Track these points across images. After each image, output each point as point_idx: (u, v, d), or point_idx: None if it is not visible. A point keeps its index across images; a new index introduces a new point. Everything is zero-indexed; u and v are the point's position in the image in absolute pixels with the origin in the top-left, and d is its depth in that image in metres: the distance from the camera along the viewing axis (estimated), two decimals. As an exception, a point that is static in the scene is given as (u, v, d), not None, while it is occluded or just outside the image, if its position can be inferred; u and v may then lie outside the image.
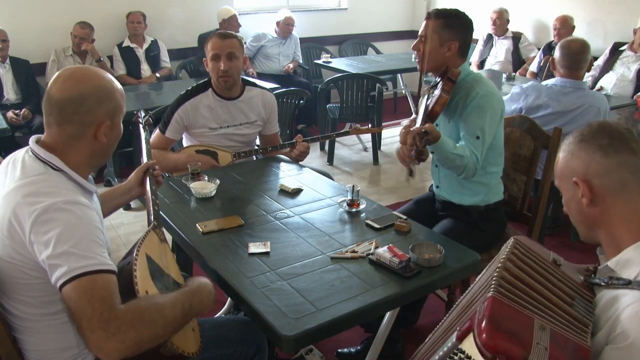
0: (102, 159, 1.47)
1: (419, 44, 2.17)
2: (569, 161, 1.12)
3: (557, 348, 0.92)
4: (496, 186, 2.25)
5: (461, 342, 0.97)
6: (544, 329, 0.94)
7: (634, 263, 1.03)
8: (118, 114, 1.41)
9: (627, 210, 1.07)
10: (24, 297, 1.28)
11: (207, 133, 2.62)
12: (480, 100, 2.05)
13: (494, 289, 0.99)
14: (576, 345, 0.94)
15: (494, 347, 0.89)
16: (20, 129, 4.27)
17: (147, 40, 5.12)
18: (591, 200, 1.08)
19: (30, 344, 1.32)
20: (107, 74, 1.42)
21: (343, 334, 1.88)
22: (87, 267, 1.16)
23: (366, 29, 6.68)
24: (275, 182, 2.36)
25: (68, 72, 1.36)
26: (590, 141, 1.09)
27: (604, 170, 1.07)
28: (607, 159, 1.07)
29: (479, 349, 0.91)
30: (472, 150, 2.03)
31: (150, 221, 1.57)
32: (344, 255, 1.72)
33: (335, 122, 4.77)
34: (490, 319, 0.92)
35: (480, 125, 2.04)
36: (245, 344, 1.66)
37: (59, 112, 1.32)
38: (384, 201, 3.86)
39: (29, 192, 1.22)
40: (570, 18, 4.82)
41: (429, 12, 2.16)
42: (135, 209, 3.85)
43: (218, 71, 2.51)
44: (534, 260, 1.09)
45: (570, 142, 1.14)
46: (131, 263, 1.28)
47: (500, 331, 0.91)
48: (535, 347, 0.90)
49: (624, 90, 4.33)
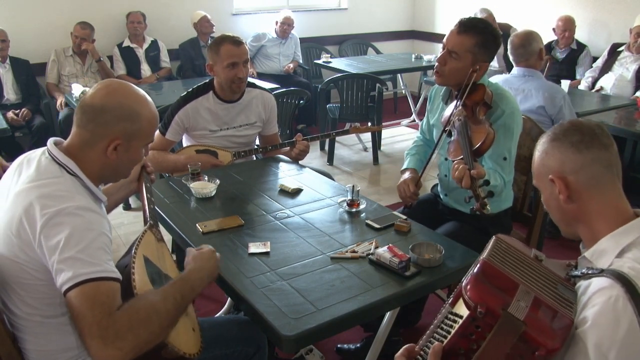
0: (112, 177, 1.47)
1: (446, 58, 1.99)
2: (544, 160, 1.15)
3: (537, 309, 0.98)
4: (507, 193, 2.23)
5: (453, 307, 1.04)
6: (528, 293, 1.00)
7: (607, 253, 1.07)
8: (137, 138, 1.39)
9: (602, 203, 1.10)
10: (27, 297, 1.28)
11: (207, 135, 2.63)
12: (507, 120, 1.97)
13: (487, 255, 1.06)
14: (559, 314, 0.99)
15: (476, 297, 0.97)
16: (20, 129, 4.27)
17: (147, 40, 5.12)
18: (568, 197, 1.11)
19: (30, 344, 1.32)
20: (143, 95, 1.41)
21: (343, 334, 1.88)
22: (92, 274, 1.16)
23: (366, 29, 6.68)
24: (275, 182, 2.36)
25: (107, 83, 1.39)
26: (562, 139, 1.12)
27: (578, 166, 1.09)
28: (580, 154, 1.09)
29: (465, 302, 0.99)
30: (500, 174, 1.97)
31: (147, 220, 1.56)
32: (344, 255, 1.72)
33: (335, 122, 4.77)
34: (477, 275, 1.01)
35: (507, 146, 1.99)
36: (245, 343, 1.66)
37: (80, 115, 1.35)
38: (384, 201, 3.86)
39: (43, 194, 1.23)
40: (572, 18, 4.82)
41: (463, 24, 1.97)
42: (135, 209, 3.86)
43: (234, 78, 2.51)
44: (516, 255, 1.13)
45: (544, 142, 1.17)
46: (129, 266, 1.28)
47: (484, 284, 1.00)
48: (516, 302, 0.97)
49: (623, 90, 4.34)
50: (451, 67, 1.99)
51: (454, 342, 1.00)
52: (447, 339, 1.01)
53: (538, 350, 0.95)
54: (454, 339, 1.00)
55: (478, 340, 0.97)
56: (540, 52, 3.10)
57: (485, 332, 0.96)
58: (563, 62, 4.90)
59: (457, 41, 1.97)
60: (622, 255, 1.04)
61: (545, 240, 3.19)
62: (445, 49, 2.02)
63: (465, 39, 1.95)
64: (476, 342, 0.97)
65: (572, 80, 4.45)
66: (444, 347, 1.00)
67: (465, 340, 0.99)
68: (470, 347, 0.98)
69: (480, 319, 0.96)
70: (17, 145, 4.18)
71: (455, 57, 1.98)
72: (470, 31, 1.95)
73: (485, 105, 1.93)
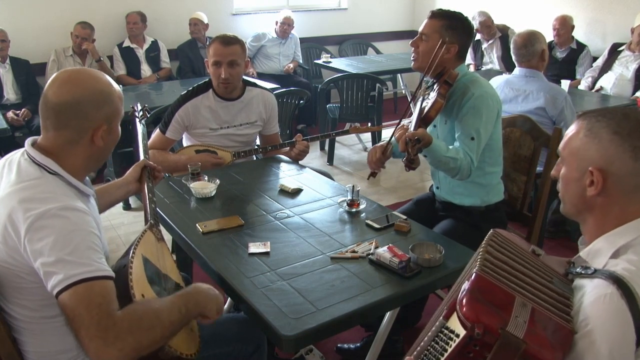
0: (98, 163, 1.45)
1: (418, 41, 2.16)
2: (593, 145, 1.06)
3: (536, 324, 0.95)
4: (496, 186, 2.25)
5: (447, 321, 1.01)
6: (524, 305, 0.97)
7: (602, 253, 1.06)
8: (116, 118, 1.38)
9: (625, 211, 1.07)
10: (22, 300, 1.27)
11: (207, 133, 2.63)
12: (476, 101, 2.04)
13: (478, 266, 1.02)
14: (558, 325, 0.98)
15: (473, 317, 0.93)
16: (20, 129, 4.27)
17: (147, 41, 5.12)
18: (598, 193, 1.06)
19: (29, 346, 1.32)
20: (105, 76, 1.39)
21: (343, 334, 1.88)
22: (83, 274, 1.15)
23: (366, 29, 6.68)
24: (275, 182, 2.36)
25: (65, 75, 1.33)
26: (626, 137, 1.04)
27: (628, 172, 1.04)
28: (636, 162, 1.03)
29: (460, 320, 0.95)
30: (466, 152, 2.02)
31: (147, 220, 1.56)
32: (344, 255, 1.72)
33: (335, 122, 4.77)
34: (472, 292, 0.97)
35: (475, 126, 2.04)
36: (244, 342, 1.66)
37: (55, 117, 1.30)
38: (384, 201, 3.86)
39: (24, 198, 1.21)
40: (570, 18, 4.82)
41: (432, 11, 2.15)
42: (136, 209, 3.85)
43: (219, 77, 2.51)
44: (513, 248, 1.12)
45: (601, 126, 1.06)
46: (127, 266, 1.27)
47: (480, 302, 0.96)
48: (514, 319, 0.94)
49: (623, 90, 4.34)
50: (422, 49, 2.13)
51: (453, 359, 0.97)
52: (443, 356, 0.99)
53: None
54: (452, 356, 0.97)
55: (477, 359, 0.95)
56: (543, 54, 3.07)
57: (485, 351, 0.94)
58: (563, 61, 4.90)
59: (426, 25, 2.13)
60: (617, 256, 1.04)
61: (545, 240, 3.20)
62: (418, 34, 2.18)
63: (434, 22, 2.11)
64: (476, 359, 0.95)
65: (572, 80, 4.45)
66: None
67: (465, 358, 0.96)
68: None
69: (477, 339, 0.93)
70: (17, 145, 4.12)
71: (425, 38, 2.12)
72: (438, 15, 2.12)
73: (446, 84, 2.03)
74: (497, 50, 5.42)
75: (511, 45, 3.16)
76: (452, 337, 0.98)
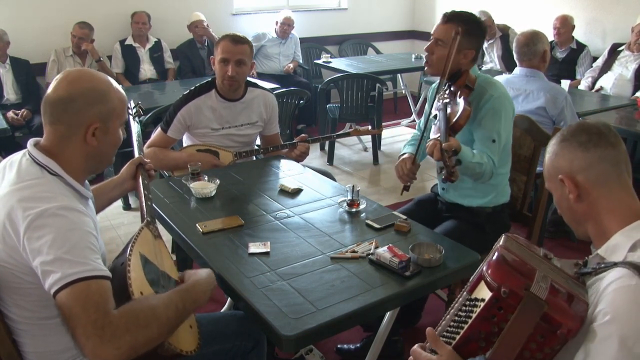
0: (98, 165, 1.44)
1: (433, 47, 2.11)
2: (554, 161, 1.18)
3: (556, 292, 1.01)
4: (504, 187, 2.24)
5: (472, 294, 1.08)
6: (545, 278, 1.03)
7: (620, 248, 1.08)
8: (113, 118, 1.38)
9: (611, 201, 1.12)
10: (20, 301, 1.27)
11: (209, 133, 2.63)
12: (495, 103, 2.03)
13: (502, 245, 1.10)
14: (578, 297, 1.02)
15: (499, 278, 1.01)
16: (20, 129, 4.27)
17: (150, 41, 5.11)
18: (578, 196, 1.13)
19: (28, 346, 1.32)
20: (106, 77, 1.40)
21: (343, 334, 1.88)
22: (80, 273, 1.15)
23: (366, 29, 6.68)
24: (275, 182, 2.36)
25: (65, 74, 1.36)
26: (571, 139, 1.15)
27: (586, 164, 1.12)
28: (587, 153, 1.12)
29: (487, 284, 1.02)
30: (488, 155, 2.01)
31: (144, 217, 1.56)
32: (344, 255, 1.72)
33: (335, 122, 4.77)
34: (498, 259, 1.05)
35: (496, 128, 2.02)
36: (243, 338, 1.67)
37: (50, 111, 1.32)
38: (384, 201, 3.85)
39: (24, 197, 1.22)
40: (570, 18, 4.82)
41: (447, 15, 2.09)
42: (135, 208, 3.86)
43: (224, 75, 2.51)
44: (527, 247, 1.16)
45: (554, 143, 1.19)
46: (125, 264, 1.26)
47: (507, 265, 1.04)
48: (536, 284, 1.00)
49: (623, 90, 4.34)
50: (438, 55, 2.09)
51: (475, 325, 1.03)
52: (467, 324, 1.04)
53: (560, 329, 0.98)
54: (475, 322, 1.03)
55: (500, 323, 1.00)
56: (544, 54, 3.07)
57: (508, 313, 0.99)
58: (563, 62, 4.90)
59: (442, 30, 2.08)
60: (635, 249, 1.05)
61: (545, 240, 3.20)
62: (432, 39, 2.13)
63: (450, 27, 2.05)
64: (497, 325, 1.01)
65: (572, 80, 4.45)
66: (463, 334, 1.04)
67: (487, 323, 1.02)
68: (492, 330, 1.02)
69: (503, 300, 0.99)
70: (17, 145, 4.17)
71: (442, 44, 2.07)
72: (454, 20, 2.06)
73: (467, 88, 2.00)
74: (498, 49, 5.43)
75: (513, 43, 3.16)
76: (477, 304, 1.04)
